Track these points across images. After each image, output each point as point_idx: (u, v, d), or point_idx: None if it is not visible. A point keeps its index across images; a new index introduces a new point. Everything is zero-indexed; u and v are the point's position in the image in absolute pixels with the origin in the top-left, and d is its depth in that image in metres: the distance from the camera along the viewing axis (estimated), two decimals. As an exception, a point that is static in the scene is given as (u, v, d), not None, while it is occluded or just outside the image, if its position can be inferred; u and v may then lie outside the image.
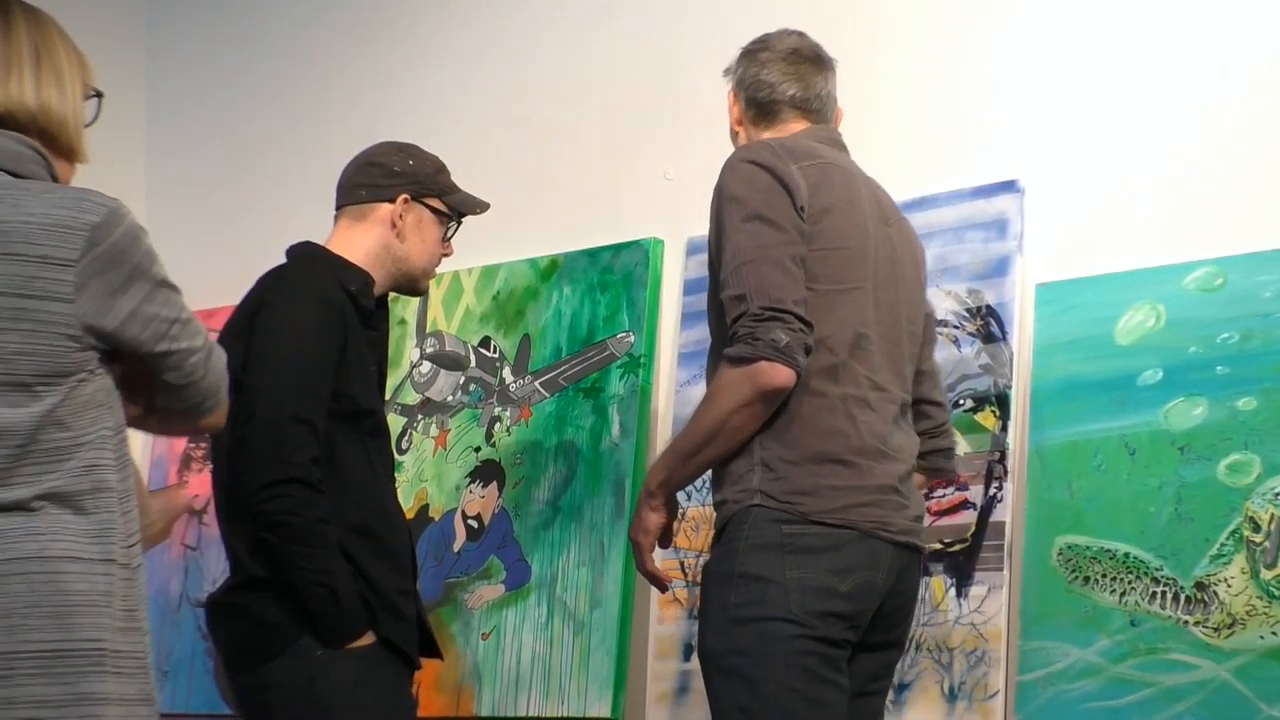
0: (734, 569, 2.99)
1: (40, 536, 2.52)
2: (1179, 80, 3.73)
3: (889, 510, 3.06)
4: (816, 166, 3.13)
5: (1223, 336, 3.52)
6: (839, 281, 3.07)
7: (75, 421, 2.57)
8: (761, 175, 3.08)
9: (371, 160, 3.65)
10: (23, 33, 2.66)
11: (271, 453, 3.27)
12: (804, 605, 2.95)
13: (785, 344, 2.95)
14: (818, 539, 2.98)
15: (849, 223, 3.12)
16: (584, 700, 4.08)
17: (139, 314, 2.58)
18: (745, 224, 3.04)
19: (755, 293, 2.98)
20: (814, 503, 2.99)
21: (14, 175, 2.62)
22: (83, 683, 2.51)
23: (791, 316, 2.97)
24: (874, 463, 3.05)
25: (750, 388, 2.97)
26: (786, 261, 3.01)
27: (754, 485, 3.00)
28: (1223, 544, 3.43)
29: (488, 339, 4.53)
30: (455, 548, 4.41)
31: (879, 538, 3.03)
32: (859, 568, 3.01)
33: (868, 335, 3.10)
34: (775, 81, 3.31)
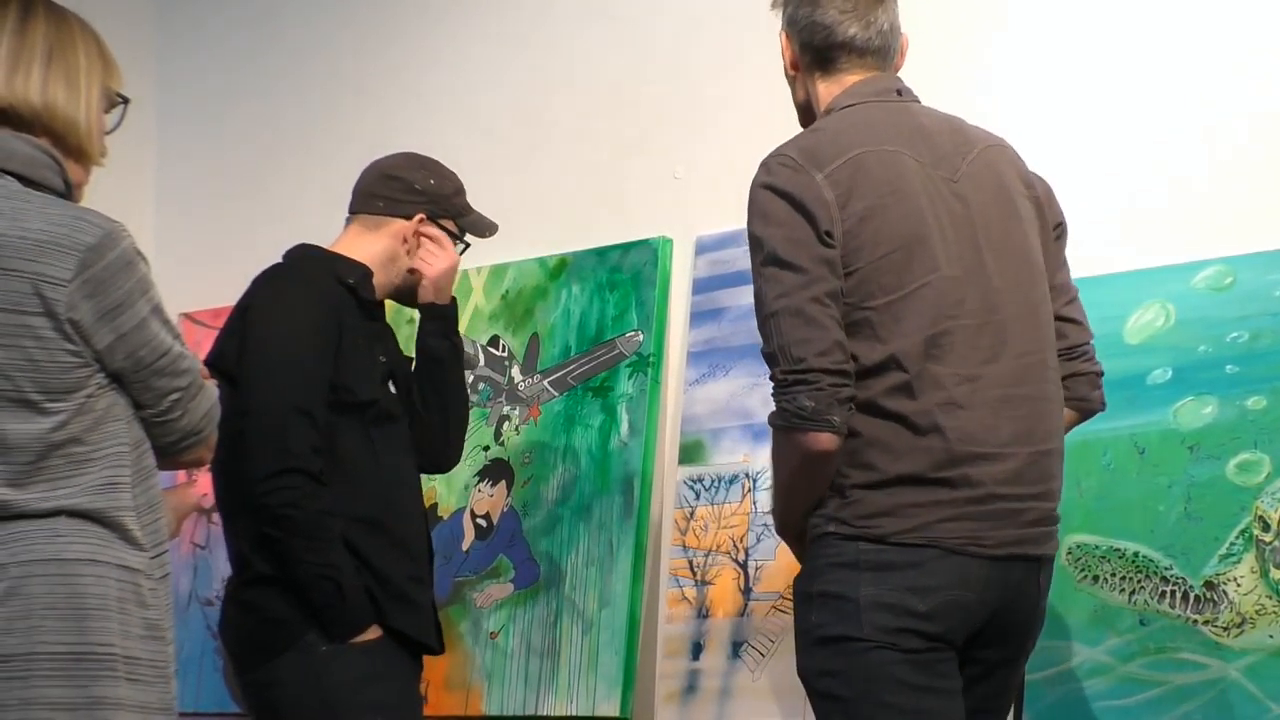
0: (814, 588, 2.91)
1: (59, 539, 2.53)
2: (1189, 79, 3.73)
3: (986, 523, 2.88)
4: (847, 166, 2.92)
5: (1232, 335, 3.52)
6: (900, 288, 2.88)
7: (90, 437, 2.58)
8: (778, 205, 2.90)
9: (393, 173, 3.65)
10: (39, 31, 2.65)
11: (271, 444, 3.28)
12: (875, 622, 2.83)
13: (812, 409, 2.83)
14: (897, 554, 2.85)
15: (897, 216, 2.91)
16: (593, 699, 4.08)
17: (123, 343, 2.58)
18: (765, 268, 2.90)
19: (780, 353, 2.85)
20: (891, 524, 2.86)
21: (25, 180, 2.62)
22: (96, 686, 2.52)
23: (817, 374, 2.83)
24: (971, 470, 2.87)
25: (797, 454, 2.88)
26: (808, 308, 2.84)
27: (829, 512, 2.90)
28: (1232, 543, 3.42)
29: (496, 338, 4.53)
30: (464, 546, 4.42)
31: (968, 554, 2.87)
32: (944, 586, 2.85)
33: (954, 328, 2.90)
34: (833, 23, 3.04)
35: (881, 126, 3.00)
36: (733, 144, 4.27)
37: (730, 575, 4.02)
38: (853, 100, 3.03)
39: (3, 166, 2.61)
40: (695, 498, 4.11)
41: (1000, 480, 2.89)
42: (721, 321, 4.20)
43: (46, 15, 2.68)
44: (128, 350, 2.59)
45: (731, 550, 4.03)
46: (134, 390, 2.62)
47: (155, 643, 2.61)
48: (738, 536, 4.03)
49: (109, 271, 2.56)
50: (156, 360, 2.61)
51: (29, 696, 2.49)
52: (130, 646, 2.56)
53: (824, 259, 2.87)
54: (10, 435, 2.54)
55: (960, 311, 2.91)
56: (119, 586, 2.56)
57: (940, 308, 2.90)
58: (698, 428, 4.16)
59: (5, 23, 2.65)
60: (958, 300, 2.91)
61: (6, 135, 2.63)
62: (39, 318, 2.54)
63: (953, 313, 2.90)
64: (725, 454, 4.11)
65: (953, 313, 2.90)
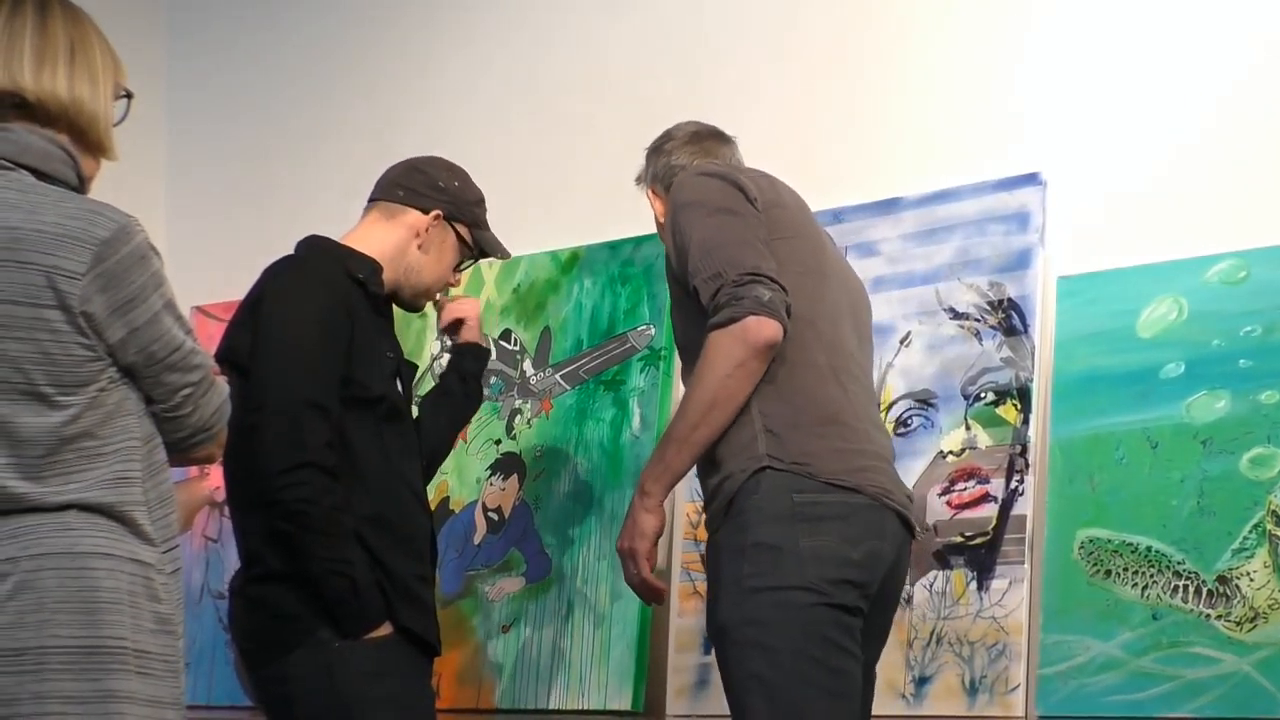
0: (746, 540, 2.99)
1: (71, 532, 2.53)
2: (1202, 73, 3.72)
3: (890, 480, 3.10)
4: (762, 176, 3.25)
5: (1245, 329, 3.52)
6: (801, 264, 3.13)
7: (102, 431, 2.58)
8: (711, 180, 3.19)
9: (420, 168, 3.66)
10: (60, 27, 2.67)
11: (286, 438, 3.27)
12: (820, 573, 2.96)
13: (769, 299, 2.99)
14: (828, 507, 2.99)
15: (801, 219, 3.22)
16: (604, 693, 4.09)
17: (135, 338, 2.59)
18: (710, 218, 3.11)
19: (729, 265, 3.04)
20: (821, 464, 3.01)
21: (39, 173, 2.63)
22: (108, 680, 2.52)
23: (769, 279, 3.01)
24: (869, 429, 3.12)
25: (742, 347, 2.99)
26: (755, 241, 3.08)
27: (760, 451, 3.02)
28: (1245, 537, 3.42)
29: (508, 331, 4.53)
30: (476, 540, 4.42)
31: (885, 504, 3.06)
32: (868, 536, 3.02)
33: (844, 319, 3.17)
34: (685, 164, 3.44)
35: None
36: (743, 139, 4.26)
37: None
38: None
39: (18, 160, 2.62)
40: (707, 491, 4.11)
41: (883, 449, 3.15)
42: (733, 315, 4.19)
43: (63, 12, 2.70)
44: (140, 344, 2.59)
45: (743, 544, 4.03)
46: (146, 385, 2.62)
47: (166, 637, 2.61)
48: (749, 530, 4.02)
49: (123, 265, 2.57)
50: (169, 355, 2.61)
51: (42, 690, 2.49)
52: (141, 640, 2.56)
53: (756, 215, 3.13)
54: (22, 428, 2.54)
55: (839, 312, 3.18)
56: (130, 580, 2.56)
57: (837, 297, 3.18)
58: (709, 421, 4.15)
59: (25, 19, 2.66)
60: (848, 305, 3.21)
61: (21, 130, 2.64)
62: (53, 310, 2.54)
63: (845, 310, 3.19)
64: (737, 448, 4.10)
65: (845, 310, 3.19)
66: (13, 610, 2.50)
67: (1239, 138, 3.65)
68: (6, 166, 2.62)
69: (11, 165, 2.62)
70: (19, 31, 2.65)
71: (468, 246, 3.67)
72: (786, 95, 4.27)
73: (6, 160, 2.62)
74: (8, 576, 2.51)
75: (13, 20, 2.65)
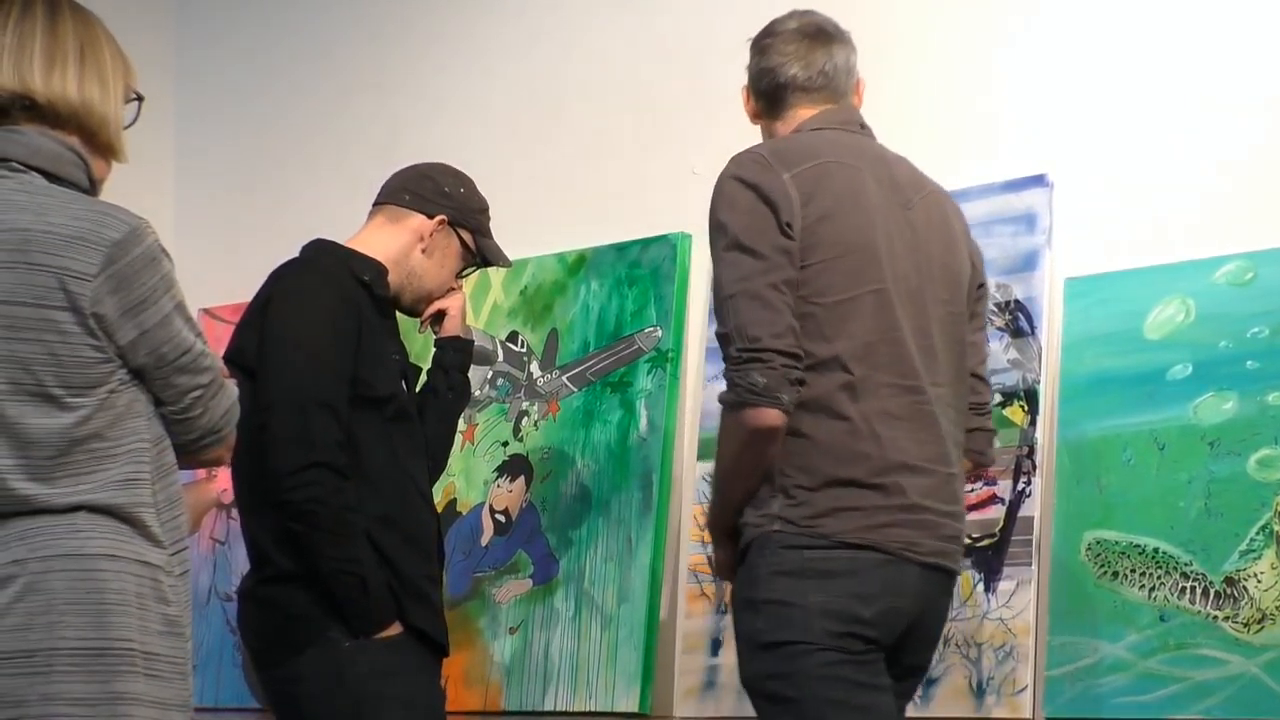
0: (758, 595, 2.99)
1: (80, 534, 2.54)
2: (1209, 75, 3.72)
3: (917, 531, 3.01)
4: (813, 170, 3.07)
5: (1253, 331, 3.51)
6: (847, 290, 3.03)
7: (111, 432, 2.58)
8: (744, 195, 3.05)
9: (426, 173, 3.67)
10: (69, 30, 2.67)
11: (296, 438, 3.28)
12: (825, 628, 2.94)
13: (764, 386, 2.94)
14: (840, 563, 2.96)
15: (851, 225, 3.06)
16: (612, 694, 4.09)
17: (146, 339, 2.59)
18: (726, 253, 3.03)
19: (736, 333, 2.98)
20: (835, 524, 2.97)
21: (50, 175, 2.63)
22: (116, 682, 2.52)
23: (771, 354, 2.95)
24: (902, 479, 3.00)
25: (743, 431, 2.98)
26: (765, 292, 2.97)
27: (774, 511, 2.99)
28: (1252, 539, 3.42)
29: (515, 333, 4.53)
30: (483, 542, 4.42)
31: (906, 559, 2.99)
32: (883, 594, 2.98)
33: (893, 339, 3.04)
34: (776, 66, 3.24)
35: (846, 146, 3.17)
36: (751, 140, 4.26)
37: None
38: (819, 125, 3.20)
39: (28, 163, 2.62)
40: (714, 493, 4.11)
41: (923, 493, 3.02)
42: (740, 317, 4.19)
43: (72, 14, 2.70)
44: (150, 346, 2.59)
45: (750, 546, 4.03)
46: (155, 387, 2.63)
47: (174, 639, 2.61)
48: (757, 532, 4.02)
49: (133, 267, 2.57)
50: (179, 357, 2.62)
51: (50, 692, 2.49)
52: (149, 642, 2.56)
53: (783, 248, 3.00)
54: (32, 430, 2.54)
55: (900, 326, 3.05)
56: (138, 582, 2.57)
57: (887, 315, 3.04)
58: (716, 423, 4.14)
59: (35, 21, 2.66)
60: (898, 316, 3.05)
61: (32, 132, 2.64)
62: (63, 312, 2.54)
63: (892, 326, 3.04)
64: (744, 449, 4.10)
65: (892, 326, 3.04)
66: (21, 612, 2.50)
67: (1247, 139, 3.65)
68: (17, 169, 2.62)
69: (23, 167, 2.62)
70: (29, 33, 2.65)
71: (470, 253, 3.68)
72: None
73: (17, 162, 2.62)
74: (16, 578, 2.51)
75: (22, 22, 2.66)
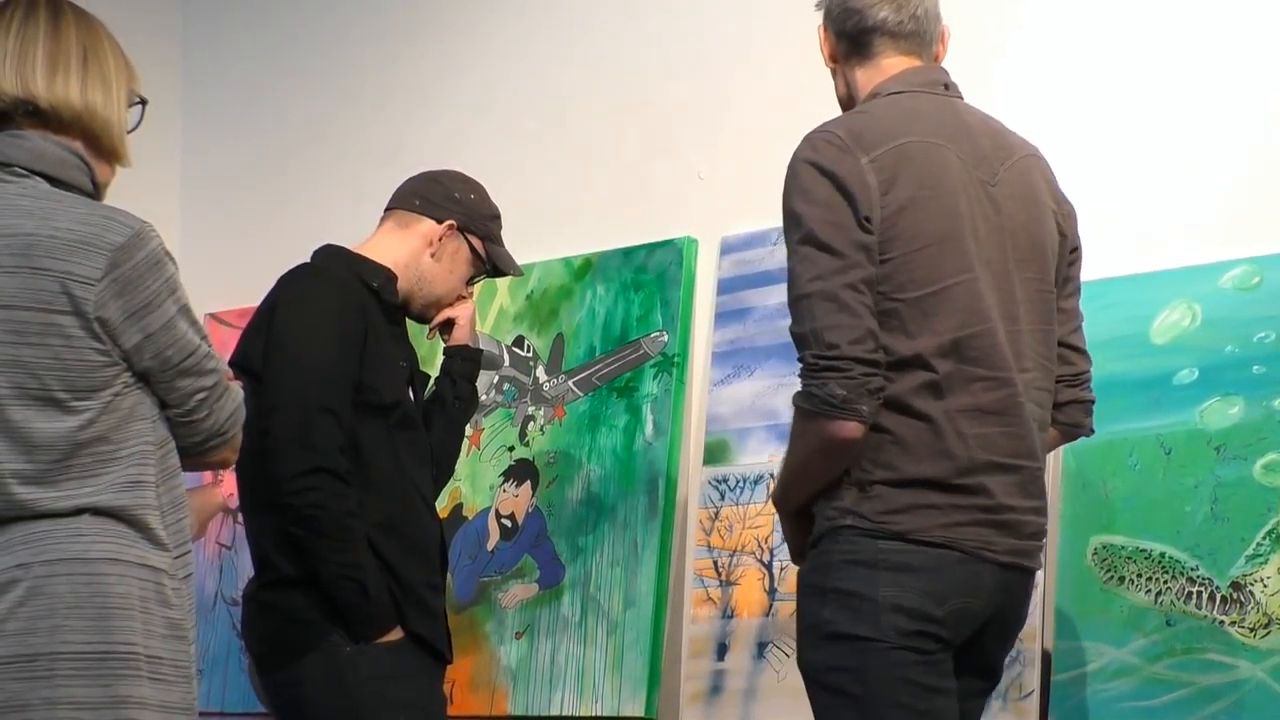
0: (828, 583, 2.88)
1: (83, 538, 2.54)
2: (1215, 79, 3.72)
3: (997, 531, 2.89)
4: (893, 153, 2.89)
5: (1259, 335, 3.51)
6: (931, 283, 2.87)
7: (115, 435, 2.59)
8: (820, 184, 2.86)
9: (437, 179, 3.67)
10: (72, 34, 2.68)
11: (298, 443, 3.28)
12: (895, 625, 2.83)
13: (843, 398, 2.80)
14: (916, 557, 2.84)
15: (933, 212, 2.89)
16: (618, 700, 4.08)
17: (150, 343, 2.59)
18: (801, 246, 2.85)
19: (811, 336, 2.82)
20: (909, 521, 2.85)
21: (54, 180, 2.63)
22: (119, 685, 2.52)
23: (850, 362, 2.80)
24: (988, 479, 2.88)
25: (817, 440, 2.85)
26: (842, 294, 2.81)
27: (846, 505, 2.88)
28: (1259, 544, 3.41)
29: (521, 338, 4.54)
30: (489, 546, 4.42)
31: (982, 559, 2.88)
32: (956, 594, 2.87)
33: (982, 331, 2.89)
34: (864, 6, 3.03)
35: (928, 118, 2.99)
36: (757, 144, 4.27)
37: (755, 575, 4.02)
38: (900, 88, 3.01)
39: (32, 167, 2.63)
40: (720, 498, 4.11)
41: (1009, 492, 2.91)
42: (746, 322, 4.19)
43: (75, 18, 2.70)
44: (155, 350, 2.60)
45: (756, 550, 4.03)
46: (160, 390, 2.63)
47: (178, 642, 2.61)
48: (762, 537, 4.02)
49: (137, 271, 2.58)
50: (183, 360, 2.62)
51: (53, 696, 2.49)
52: (153, 646, 2.57)
53: (861, 244, 2.84)
54: (36, 433, 2.54)
55: (988, 316, 2.90)
56: (142, 586, 2.57)
57: (969, 310, 2.89)
58: (722, 428, 4.16)
59: (38, 26, 2.66)
60: (986, 305, 2.90)
61: (36, 137, 2.64)
62: (67, 316, 2.55)
63: (981, 317, 2.90)
64: (750, 454, 4.10)
65: (981, 317, 2.90)
66: (25, 616, 2.50)
67: (1253, 143, 3.65)
68: (21, 173, 2.63)
69: (26, 172, 2.63)
70: (31, 38, 2.65)
71: (481, 260, 3.67)
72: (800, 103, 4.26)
73: (21, 167, 2.63)
74: (19, 582, 2.51)
75: (25, 27, 2.66)
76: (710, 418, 4.19)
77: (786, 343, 2.93)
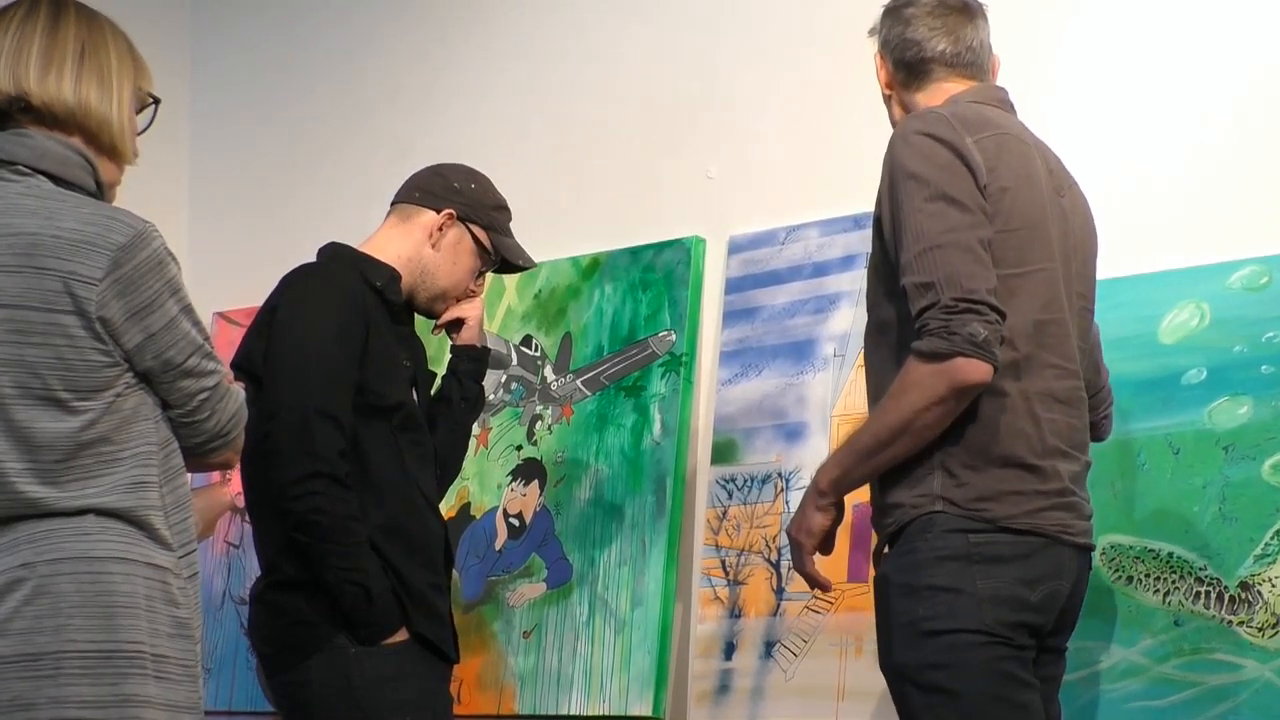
0: (920, 581, 2.87)
1: (88, 537, 2.54)
2: (1223, 78, 3.71)
3: (1069, 514, 2.94)
4: (993, 139, 2.97)
5: (1268, 335, 3.50)
6: (1019, 265, 2.91)
7: (118, 436, 2.59)
8: (941, 150, 2.91)
9: (439, 171, 3.66)
10: (71, 31, 2.67)
11: (298, 447, 3.27)
12: (997, 616, 2.84)
13: (984, 338, 2.79)
14: (1007, 547, 2.86)
15: (1027, 199, 2.96)
16: (625, 699, 4.09)
17: (152, 343, 2.59)
18: (929, 204, 2.87)
19: (946, 282, 2.82)
20: (999, 508, 2.86)
21: (57, 179, 2.63)
22: (125, 684, 2.52)
23: (986, 308, 2.81)
24: (1056, 463, 2.92)
25: (945, 384, 2.82)
26: (976, 247, 2.85)
27: (935, 491, 2.88)
28: (1267, 544, 3.41)
29: (529, 337, 4.54)
30: (497, 546, 4.42)
31: (1063, 542, 2.92)
32: (1047, 577, 2.90)
33: (1058, 320, 2.96)
34: (923, 38, 3.11)
35: (1010, 122, 3.08)
36: (766, 144, 4.27)
37: (763, 575, 4.02)
38: (975, 98, 3.09)
39: (35, 166, 2.63)
40: (728, 497, 4.11)
41: (1072, 478, 2.96)
42: (754, 321, 4.19)
43: (77, 16, 2.70)
44: (156, 350, 2.60)
45: (764, 550, 4.03)
46: (162, 390, 2.63)
47: (184, 641, 2.61)
48: (770, 536, 4.02)
49: (139, 271, 2.58)
50: (185, 360, 2.62)
51: (59, 695, 2.49)
52: (159, 645, 2.57)
53: (983, 208, 2.90)
54: (39, 434, 2.55)
55: (1064, 308, 2.98)
56: (147, 585, 2.57)
57: (1050, 297, 2.96)
58: (730, 427, 4.16)
59: (37, 23, 2.66)
60: (1061, 297, 2.98)
61: (39, 135, 2.64)
62: (70, 316, 2.55)
63: (1059, 306, 2.97)
64: (758, 454, 4.10)
65: (1059, 306, 2.97)
66: (30, 615, 2.50)
67: (1261, 143, 3.64)
68: (25, 172, 2.62)
69: (29, 171, 2.62)
70: (28, 35, 2.65)
71: (486, 252, 3.65)
72: (803, 100, 4.27)
73: (25, 165, 2.62)
74: (24, 581, 2.51)
75: (25, 24, 2.66)
76: (718, 417, 4.19)
77: (794, 342, 2.94)
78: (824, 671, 3.84)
